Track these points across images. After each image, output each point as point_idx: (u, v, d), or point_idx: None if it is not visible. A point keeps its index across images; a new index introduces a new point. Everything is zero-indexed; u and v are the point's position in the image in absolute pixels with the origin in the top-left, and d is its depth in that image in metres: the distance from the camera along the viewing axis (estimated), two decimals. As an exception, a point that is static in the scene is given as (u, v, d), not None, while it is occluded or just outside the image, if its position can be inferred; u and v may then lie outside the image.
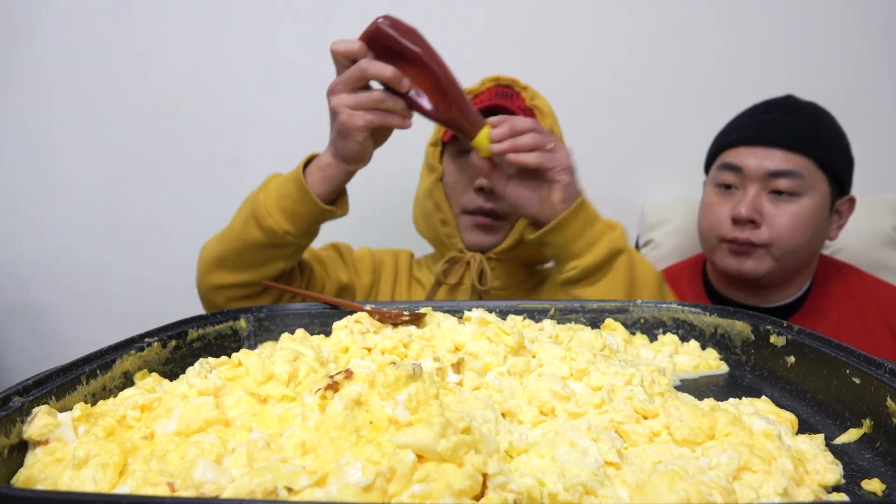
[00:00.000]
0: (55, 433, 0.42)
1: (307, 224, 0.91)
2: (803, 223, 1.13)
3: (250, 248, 0.92)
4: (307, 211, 0.89)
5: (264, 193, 0.92)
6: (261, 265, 0.93)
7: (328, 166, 0.89)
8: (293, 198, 0.89)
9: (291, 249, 0.93)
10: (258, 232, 0.90)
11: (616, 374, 0.53)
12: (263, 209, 0.90)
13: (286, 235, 0.90)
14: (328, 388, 0.43)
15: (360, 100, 0.82)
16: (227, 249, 0.94)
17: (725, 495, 0.36)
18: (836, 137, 1.17)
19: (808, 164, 1.13)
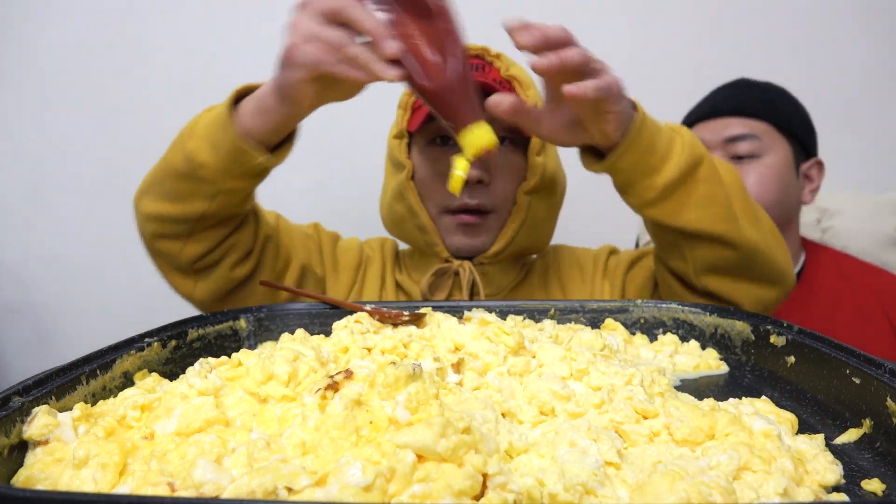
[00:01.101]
0: (55, 433, 0.42)
1: (227, 160, 0.75)
2: (767, 180, 1.17)
3: (170, 174, 0.79)
4: (227, 142, 0.74)
5: (205, 113, 0.79)
6: (179, 198, 0.79)
7: (263, 96, 0.73)
8: (218, 123, 0.75)
9: (212, 189, 0.78)
10: (179, 155, 0.78)
11: (616, 374, 0.53)
12: (190, 129, 0.78)
13: (203, 168, 0.76)
14: (328, 388, 0.43)
15: (317, 31, 0.65)
16: (154, 172, 0.82)
17: (725, 495, 0.36)
18: (790, 104, 1.23)
19: (764, 127, 1.18)
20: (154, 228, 0.82)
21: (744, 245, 0.79)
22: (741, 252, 0.79)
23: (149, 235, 0.84)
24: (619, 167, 0.75)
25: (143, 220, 0.83)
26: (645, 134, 0.73)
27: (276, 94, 0.71)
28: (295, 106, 0.71)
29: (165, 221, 0.81)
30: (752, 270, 0.82)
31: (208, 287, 0.86)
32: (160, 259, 0.87)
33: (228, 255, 0.85)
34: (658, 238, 0.85)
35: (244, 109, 0.74)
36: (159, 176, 0.80)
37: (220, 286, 0.87)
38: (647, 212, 0.79)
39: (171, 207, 0.79)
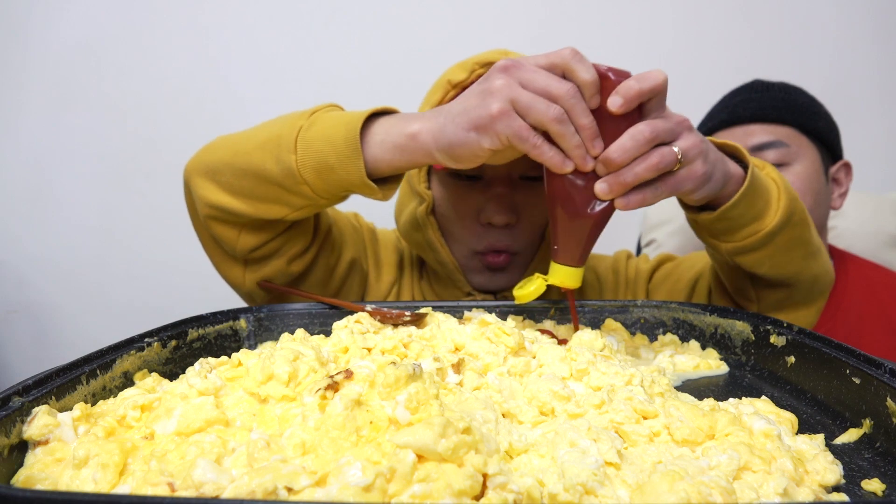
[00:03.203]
0: (55, 433, 0.42)
1: (337, 186, 0.69)
2: (800, 190, 1.09)
3: (255, 176, 0.71)
4: (343, 172, 0.67)
5: (306, 122, 0.70)
6: (260, 200, 0.73)
7: (413, 137, 0.65)
8: (336, 147, 0.67)
9: (303, 202, 0.72)
10: (273, 163, 0.70)
11: (616, 374, 0.53)
12: (292, 141, 0.69)
13: (304, 185, 0.69)
14: (328, 388, 0.43)
15: (530, 103, 0.58)
16: (229, 162, 0.73)
17: (725, 495, 0.36)
18: (811, 103, 1.16)
19: (789, 132, 1.12)
20: (212, 213, 0.76)
21: (809, 280, 0.79)
22: (806, 286, 0.79)
23: (203, 217, 0.78)
24: (728, 216, 0.69)
25: (200, 203, 0.77)
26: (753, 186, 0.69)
27: (438, 145, 0.64)
28: (456, 163, 0.65)
29: (229, 213, 0.75)
30: (811, 298, 0.82)
31: (259, 278, 0.82)
32: (211, 243, 0.82)
33: (285, 249, 0.81)
34: (729, 279, 0.82)
35: (377, 139, 0.67)
36: (236, 170, 0.73)
37: (275, 279, 0.82)
38: (741, 259, 0.74)
39: (243, 205, 0.74)
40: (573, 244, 0.64)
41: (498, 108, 0.59)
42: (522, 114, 0.58)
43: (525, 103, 0.58)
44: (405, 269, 0.99)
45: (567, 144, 0.59)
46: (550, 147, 0.59)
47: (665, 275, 0.97)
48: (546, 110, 0.57)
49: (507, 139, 0.59)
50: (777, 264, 0.74)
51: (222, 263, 0.83)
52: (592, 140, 0.59)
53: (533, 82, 0.59)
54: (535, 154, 0.59)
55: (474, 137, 0.61)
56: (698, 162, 0.62)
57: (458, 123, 0.62)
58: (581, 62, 0.59)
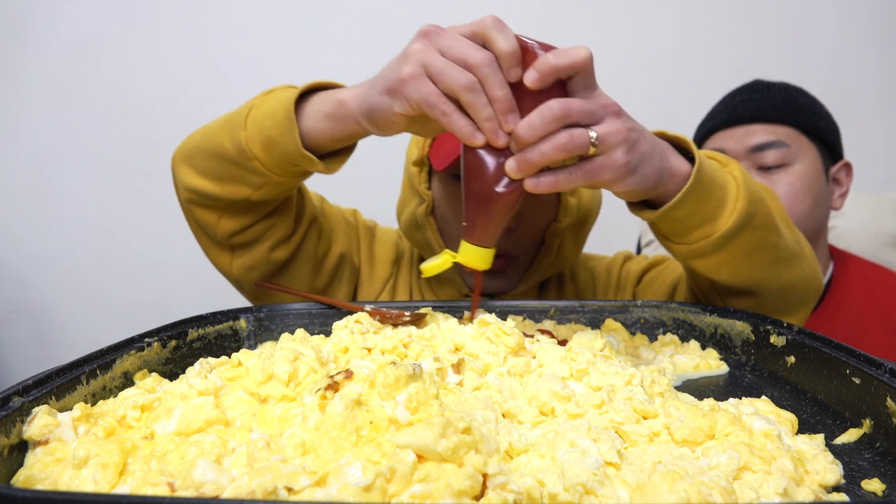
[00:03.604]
0: (55, 433, 0.42)
1: (282, 159, 0.71)
2: (800, 190, 1.10)
3: (216, 156, 0.74)
4: (284, 144, 0.69)
5: (259, 101, 0.73)
6: (224, 180, 0.75)
7: (341, 104, 0.65)
8: (276, 120, 0.69)
9: (260, 180, 0.74)
10: (229, 141, 0.72)
11: (616, 374, 0.53)
12: (243, 118, 0.72)
13: (254, 160, 0.71)
14: (328, 388, 0.43)
15: (441, 68, 0.56)
16: (199, 144, 0.77)
17: (725, 495, 0.36)
18: (812, 103, 1.16)
19: (789, 132, 1.12)
20: (190, 197, 0.79)
21: (779, 289, 0.74)
22: (775, 295, 0.75)
23: (184, 201, 0.81)
24: (673, 217, 0.65)
25: (180, 187, 0.80)
26: (703, 182, 0.64)
27: (360, 110, 0.64)
28: (378, 129, 0.64)
29: (203, 196, 0.78)
30: (785, 308, 0.78)
31: (245, 264, 0.83)
32: (197, 229, 0.84)
33: (267, 235, 0.82)
34: (696, 283, 0.80)
35: (312, 109, 0.68)
36: (203, 152, 0.76)
37: (259, 266, 0.84)
38: (695, 263, 0.71)
39: (213, 186, 0.76)
40: (482, 223, 0.60)
41: (409, 71, 0.57)
42: (434, 79, 0.56)
43: (437, 69, 0.56)
44: (402, 267, 0.99)
45: (478, 115, 0.56)
46: (462, 116, 0.57)
47: (652, 278, 0.97)
48: (458, 77, 0.55)
49: (417, 104, 0.57)
50: (736, 270, 0.70)
51: (209, 249, 0.85)
52: (506, 114, 0.56)
53: (450, 49, 0.56)
54: (444, 122, 0.57)
55: (387, 101, 0.60)
56: (619, 150, 0.57)
57: (375, 87, 0.61)
58: (501, 31, 0.55)
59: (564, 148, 0.55)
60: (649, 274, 0.98)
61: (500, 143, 0.56)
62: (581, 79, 0.56)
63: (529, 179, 0.57)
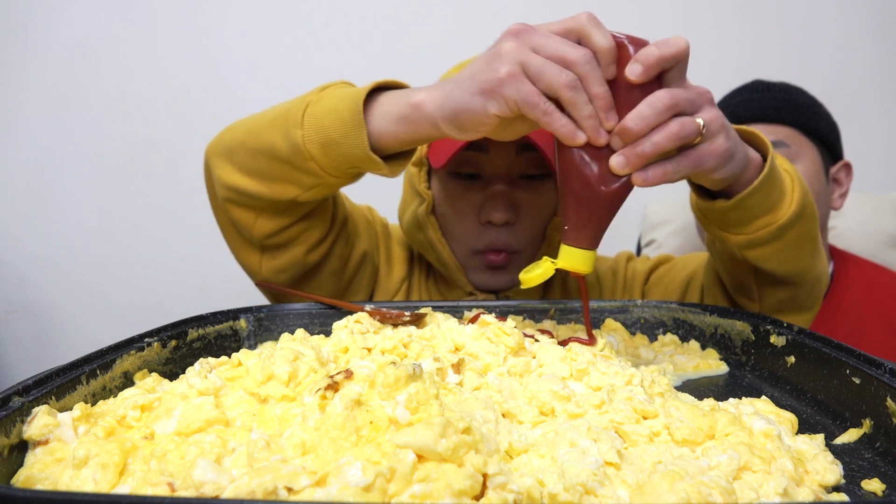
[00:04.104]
0: (55, 433, 0.42)
1: (342, 161, 0.68)
2: None
3: (265, 154, 0.71)
4: (348, 146, 0.66)
5: (315, 97, 0.70)
6: (272, 180, 0.72)
7: (417, 107, 0.62)
8: (341, 119, 0.66)
9: (313, 181, 0.71)
10: (282, 140, 0.69)
11: (616, 374, 0.53)
12: (299, 115, 0.68)
13: (311, 161, 0.68)
14: (328, 388, 0.43)
15: (541, 67, 0.54)
16: (243, 141, 0.74)
17: (725, 495, 0.36)
18: (812, 104, 1.16)
19: (790, 132, 1.12)
20: (229, 196, 0.76)
21: (814, 279, 0.76)
22: (810, 286, 0.76)
23: (222, 199, 0.78)
24: (746, 204, 0.66)
25: (218, 185, 0.77)
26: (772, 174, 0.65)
27: (442, 113, 0.61)
28: (462, 132, 0.61)
29: (245, 194, 0.75)
30: (812, 300, 0.79)
31: (276, 267, 0.81)
32: (229, 227, 0.81)
33: (303, 237, 0.80)
34: (732, 275, 0.78)
35: (383, 111, 0.65)
36: (248, 149, 0.73)
37: (291, 269, 0.82)
38: (750, 252, 0.70)
39: (257, 186, 0.73)
40: (585, 224, 0.58)
41: (507, 70, 0.55)
42: (533, 79, 0.55)
43: (536, 67, 0.54)
44: (415, 268, 0.99)
45: (579, 114, 0.54)
46: (562, 116, 0.55)
47: (660, 276, 0.97)
48: (558, 75, 0.53)
49: (516, 104, 0.55)
50: (786, 260, 0.71)
51: (239, 249, 0.83)
52: (606, 111, 0.54)
53: (545, 47, 0.55)
54: (545, 121, 0.55)
55: (480, 102, 0.57)
56: (721, 136, 0.58)
57: (464, 88, 0.59)
58: (598, 27, 0.54)
59: (678, 136, 0.54)
60: (656, 273, 0.98)
61: (602, 140, 0.55)
62: (679, 69, 0.56)
63: (638, 174, 0.55)
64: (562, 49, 0.54)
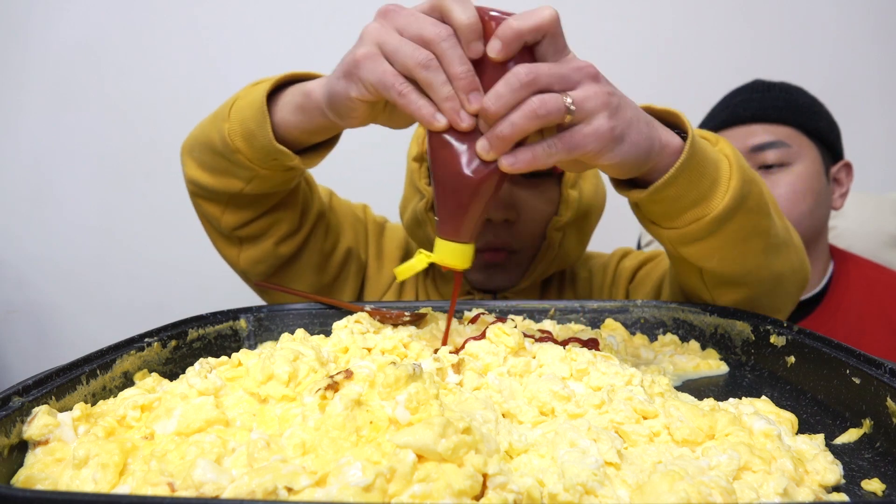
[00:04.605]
0: (55, 433, 0.42)
1: (261, 153, 0.68)
2: (801, 190, 1.11)
3: (208, 147, 0.73)
4: (261, 136, 0.66)
5: (244, 92, 0.70)
6: (217, 173, 0.74)
7: (308, 95, 0.63)
8: (253, 112, 0.67)
9: (248, 174, 0.72)
10: (216, 132, 0.71)
11: (616, 374, 0.53)
12: (228, 109, 0.70)
13: (237, 153, 0.69)
14: (328, 388, 0.43)
15: (396, 46, 0.51)
16: (196, 136, 0.76)
17: (725, 495, 0.36)
18: (812, 103, 1.17)
19: (790, 132, 1.13)
20: (193, 189, 0.79)
21: (771, 279, 0.71)
22: (767, 286, 0.72)
23: (190, 193, 0.81)
24: (664, 196, 0.60)
25: (185, 180, 0.80)
26: (696, 157, 0.59)
27: (324, 99, 0.60)
28: (341, 119, 0.60)
29: (203, 188, 0.77)
30: (775, 301, 0.75)
31: (252, 258, 0.83)
32: (203, 220, 0.84)
33: (272, 229, 0.81)
34: (681, 274, 0.75)
35: (285, 101, 0.66)
36: (199, 143, 0.75)
37: (266, 260, 0.83)
38: (685, 250, 0.66)
39: (209, 178, 0.75)
40: (455, 215, 0.54)
41: (363, 51, 0.52)
42: (390, 58, 0.52)
43: (392, 46, 0.51)
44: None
45: (436, 95, 0.50)
46: (420, 97, 0.51)
47: (644, 275, 0.96)
48: (413, 54, 0.50)
49: (373, 86, 0.52)
50: (728, 257, 0.66)
51: (217, 241, 0.85)
52: (468, 92, 0.50)
53: (408, 26, 0.51)
54: (401, 103, 0.51)
55: (343, 85, 0.55)
56: (601, 116, 0.51)
57: (335, 72, 0.57)
58: (458, 2, 0.50)
59: (535, 114, 0.49)
60: (642, 271, 0.96)
61: (464, 125, 0.51)
62: (549, 42, 0.51)
63: (505, 158, 0.51)
64: (421, 27, 0.51)
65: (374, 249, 0.97)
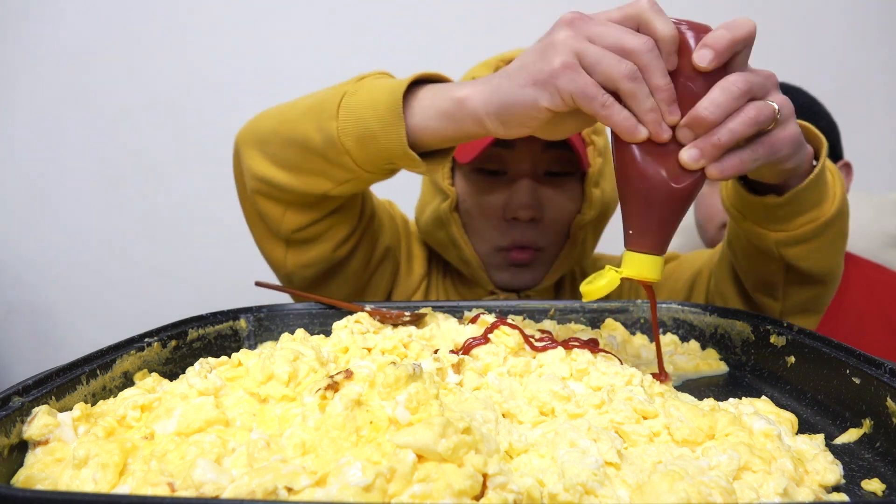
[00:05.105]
0: (55, 433, 0.42)
1: (378, 156, 0.64)
2: None
3: (298, 145, 0.68)
4: (385, 141, 0.62)
5: (352, 88, 0.66)
6: (303, 172, 0.70)
7: (461, 103, 0.59)
8: (378, 113, 0.62)
9: (346, 175, 0.68)
10: (316, 131, 0.66)
11: (616, 374, 0.53)
12: (335, 106, 0.65)
13: (345, 155, 0.65)
14: (328, 388, 0.43)
15: (599, 57, 0.50)
16: (276, 130, 0.71)
17: (725, 495, 0.36)
18: (811, 103, 1.18)
19: None
20: (258, 187, 0.74)
21: (837, 279, 0.73)
22: (834, 286, 0.73)
23: (251, 191, 0.76)
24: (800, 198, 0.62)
25: (248, 175, 0.74)
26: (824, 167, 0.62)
27: (487, 108, 0.57)
28: (506, 128, 0.57)
29: (275, 186, 0.72)
30: (829, 300, 0.76)
31: (303, 261, 0.79)
32: (256, 218, 0.79)
33: (331, 231, 0.78)
34: (757, 274, 0.75)
35: (422, 105, 0.61)
36: (281, 139, 0.70)
37: (318, 264, 0.80)
38: (790, 250, 0.67)
39: (288, 178, 0.70)
40: (652, 227, 0.53)
41: (561, 61, 0.51)
42: (590, 70, 0.51)
43: (593, 57, 0.50)
44: (433, 267, 0.97)
45: (640, 107, 0.50)
46: (622, 109, 0.51)
47: (667, 274, 0.96)
48: (617, 65, 0.49)
49: (571, 97, 0.51)
50: (822, 258, 0.68)
51: (265, 241, 0.81)
52: (669, 104, 0.50)
53: (603, 36, 0.51)
54: (603, 115, 0.51)
55: (531, 94, 0.53)
56: (792, 121, 0.54)
57: (514, 81, 0.54)
58: (659, 14, 0.50)
59: (755, 122, 0.50)
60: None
61: (665, 136, 0.51)
62: (746, 53, 0.52)
63: (713, 165, 0.51)
64: (621, 37, 0.50)
65: (405, 250, 0.95)
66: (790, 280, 0.73)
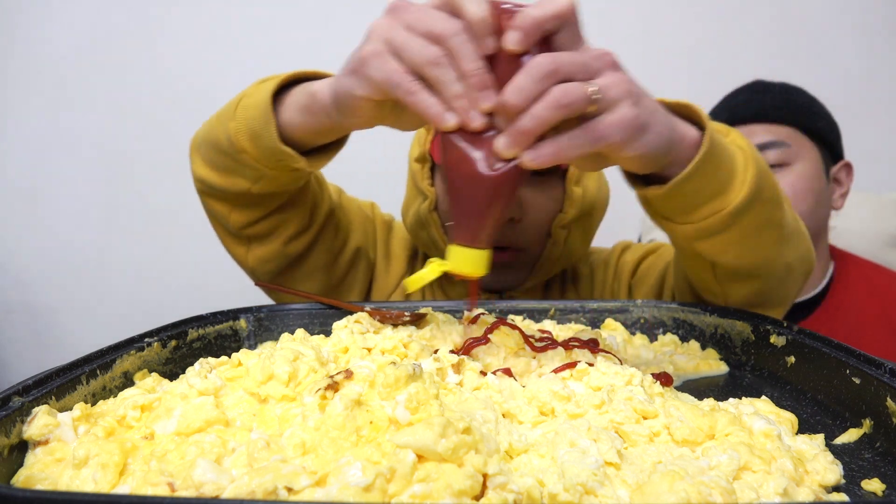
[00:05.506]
0: (55, 433, 0.42)
1: (266, 153, 0.66)
2: (801, 190, 1.11)
3: (214, 146, 0.71)
4: (267, 137, 0.65)
5: (250, 90, 0.68)
6: (224, 172, 0.72)
7: (313, 95, 0.61)
8: (258, 111, 0.65)
9: (255, 174, 0.70)
10: (222, 131, 0.69)
11: (616, 374, 0.53)
12: (233, 108, 0.68)
13: (243, 153, 0.67)
14: (328, 388, 0.43)
15: (403, 42, 0.49)
16: (203, 133, 0.74)
17: (725, 495, 0.36)
18: (812, 103, 1.18)
19: (790, 132, 1.13)
20: (200, 187, 0.78)
21: (783, 270, 0.70)
22: (778, 277, 0.70)
23: (198, 191, 0.79)
24: (684, 190, 0.58)
25: (193, 177, 0.78)
26: (715, 148, 0.57)
27: (330, 99, 0.58)
28: (347, 119, 0.58)
29: (211, 186, 0.75)
30: (784, 293, 0.74)
31: (260, 257, 0.82)
32: (212, 218, 0.82)
33: (281, 228, 0.80)
34: (691, 270, 0.73)
35: (291, 101, 0.64)
36: (206, 141, 0.73)
37: (274, 259, 0.82)
38: (700, 245, 0.64)
39: (216, 177, 0.74)
40: (472, 218, 0.51)
41: (370, 48, 0.50)
42: (397, 56, 0.50)
43: (399, 43, 0.49)
44: (416, 266, 0.98)
45: (446, 93, 0.48)
46: (429, 96, 0.49)
47: (646, 269, 0.94)
48: (420, 51, 0.48)
49: (379, 85, 0.50)
50: (744, 251, 0.64)
51: (225, 239, 0.84)
52: (480, 89, 0.48)
53: (417, 22, 0.49)
54: (409, 102, 0.49)
55: (348, 83, 0.53)
56: (624, 104, 0.49)
57: (341, 71, 0.55)
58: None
59: (559, 104, 0.47)
60: (644, 264, 0.95)
61: (475, 124, 0.49)
62: (568, 32, 0.49)
63: (528, 153, 0.48)
64: (431, 22, 0.49)
65: (382, 249, 0.96)
66: (721, 277, 0.70)
